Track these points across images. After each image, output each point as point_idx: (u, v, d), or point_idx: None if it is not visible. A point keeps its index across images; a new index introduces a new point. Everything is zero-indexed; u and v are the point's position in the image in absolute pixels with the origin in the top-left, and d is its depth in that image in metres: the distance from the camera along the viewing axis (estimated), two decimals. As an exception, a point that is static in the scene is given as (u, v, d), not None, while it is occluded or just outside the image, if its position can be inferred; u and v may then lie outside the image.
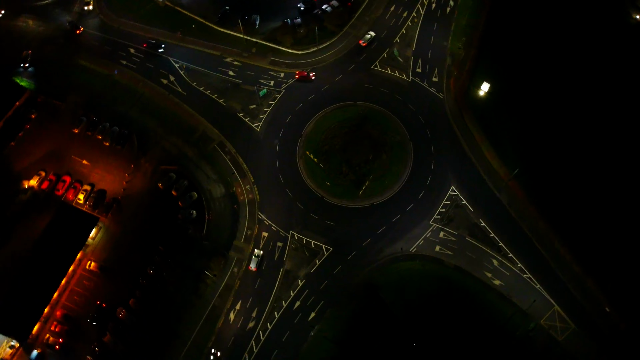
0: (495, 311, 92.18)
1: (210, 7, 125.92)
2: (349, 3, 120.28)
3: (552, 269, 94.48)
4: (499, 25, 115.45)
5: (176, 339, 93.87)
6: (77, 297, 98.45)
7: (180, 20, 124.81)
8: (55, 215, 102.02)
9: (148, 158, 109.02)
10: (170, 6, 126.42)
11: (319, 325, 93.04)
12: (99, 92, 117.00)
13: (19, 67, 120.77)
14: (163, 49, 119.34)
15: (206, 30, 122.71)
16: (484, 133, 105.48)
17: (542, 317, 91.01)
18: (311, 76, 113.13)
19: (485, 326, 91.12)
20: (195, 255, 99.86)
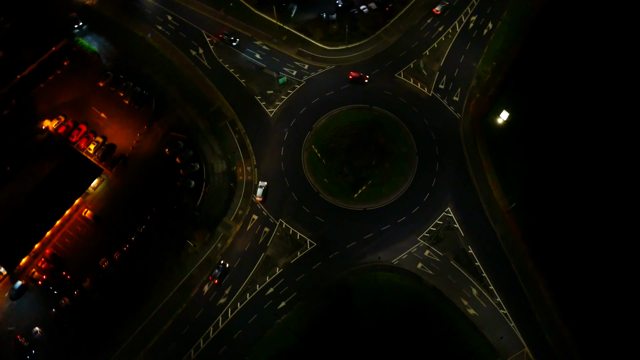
0: (462, 340, 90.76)
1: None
2: (387, 8, 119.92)
3: (531, 311, 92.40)
4: (531, 57, 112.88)
5: (148, 300, 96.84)
6: (68, 240, 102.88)
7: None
8: (64, 158, 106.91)
9: (161, 123, 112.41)
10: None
11: (286, 315, 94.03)
12: (130, 51, 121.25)
13: (74, 28, 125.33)
14: (237, 42, 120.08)
15: (243, 11, 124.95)
16: (492, 161, 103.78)
17: (509, 356, 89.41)
18: (365, 78, 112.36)
19: (448, 353, 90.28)
20: (184, 224, 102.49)
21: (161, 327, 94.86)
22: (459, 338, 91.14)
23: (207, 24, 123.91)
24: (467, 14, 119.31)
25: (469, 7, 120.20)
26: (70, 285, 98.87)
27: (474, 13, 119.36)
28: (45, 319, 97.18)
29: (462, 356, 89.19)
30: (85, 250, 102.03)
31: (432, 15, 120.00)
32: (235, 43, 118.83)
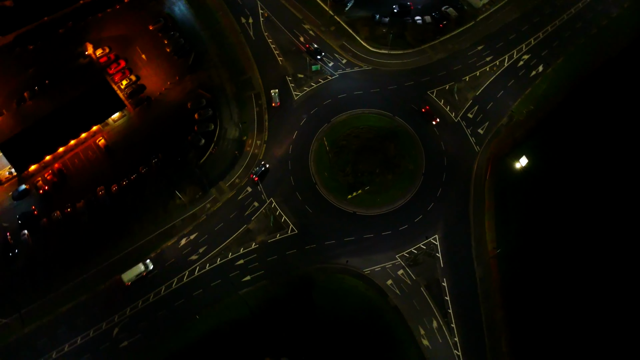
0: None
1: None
2: (441, 24, 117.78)
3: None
4: (569, 113, 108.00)
5: (128, 236, 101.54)
6: (77, 161, 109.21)
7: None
8: (95, 85, 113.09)
9: (193, 77, 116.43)
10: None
11: (247, 290, 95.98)
12: (185, 4, 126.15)
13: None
14: (322, 56, 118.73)
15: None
16: (495, 203, 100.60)
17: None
18: (435, 120, 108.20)
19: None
20: (182, 176, 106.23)
21: (132, 264, 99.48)
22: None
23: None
24: (521, 51, 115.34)
25: (525, 44, 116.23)
26: (65, 202, 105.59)
27: (528, 52, 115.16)
28: (34, 218, 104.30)
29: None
30: (89, 175, 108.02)
31: (485, 43, 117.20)
32: (319, 57, 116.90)
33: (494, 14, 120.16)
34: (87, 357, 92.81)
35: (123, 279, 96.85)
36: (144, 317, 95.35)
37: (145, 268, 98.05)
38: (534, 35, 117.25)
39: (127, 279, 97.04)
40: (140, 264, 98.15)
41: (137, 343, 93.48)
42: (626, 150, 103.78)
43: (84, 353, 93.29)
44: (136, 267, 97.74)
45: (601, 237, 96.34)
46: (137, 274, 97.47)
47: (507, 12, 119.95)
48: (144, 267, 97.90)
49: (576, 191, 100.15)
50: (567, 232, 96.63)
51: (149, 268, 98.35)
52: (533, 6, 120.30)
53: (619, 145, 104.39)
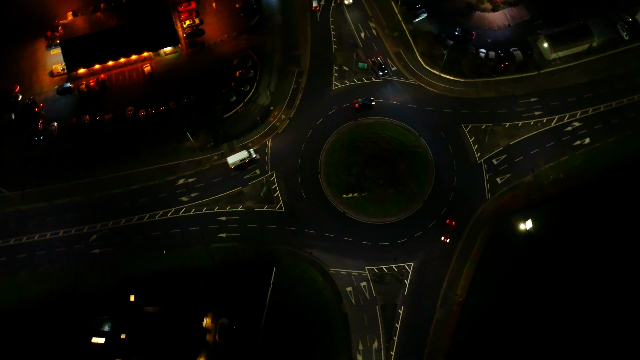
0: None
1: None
2: (503, 64, 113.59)
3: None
4: (596, 196, 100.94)
5: (135, 158, 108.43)
6: (120, 78, 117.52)
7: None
8: (159, 16, 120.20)
9: (249, 38, 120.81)
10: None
11: (218, 245, 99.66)
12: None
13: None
14: (384, 73, 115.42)
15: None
16: (483, 254, 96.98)
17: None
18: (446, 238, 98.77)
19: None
20: (203, 123, 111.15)
21: (130, 185, 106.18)
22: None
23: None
24: (574, 117, 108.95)
25: (581, 111, 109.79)
26: (96, 110, 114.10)
27: (581, 120, 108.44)
28: (65, 121, 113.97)
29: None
30: (125, 94, 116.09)
31: (540, 96, 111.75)
32: (381, 73, 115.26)
33: (561, 71, 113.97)
34: (61, 250, 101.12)
35: (228, 162, 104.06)
36: (122, 235, 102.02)
37: (249, 155, 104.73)
38: (595, 105, 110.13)
39: (232, 162, 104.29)
40: (244, 151, 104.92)
41: (107, 254, 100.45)
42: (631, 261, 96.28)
43: (60, 246, 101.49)
44: (241, 153, 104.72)
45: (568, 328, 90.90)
46: (241, 158, 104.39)
47: (575, 73, 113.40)
48: (247, 153, 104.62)
49: (567, 275, 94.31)
50: (538, 309, 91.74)
51: (252, 156, 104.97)
52: (605, 76, 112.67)
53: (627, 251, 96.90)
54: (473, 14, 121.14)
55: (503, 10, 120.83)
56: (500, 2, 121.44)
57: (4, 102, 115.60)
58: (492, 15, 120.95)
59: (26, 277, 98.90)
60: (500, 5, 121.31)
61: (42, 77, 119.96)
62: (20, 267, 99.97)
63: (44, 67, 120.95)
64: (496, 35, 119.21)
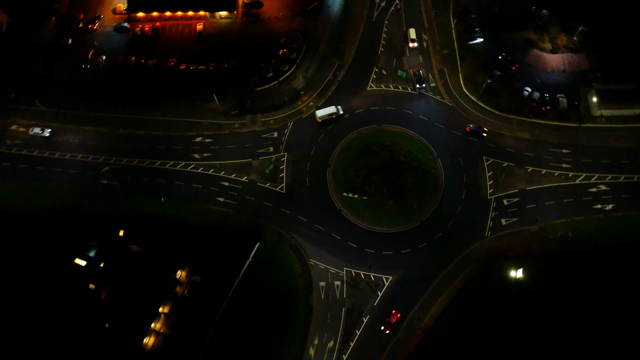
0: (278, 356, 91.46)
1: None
2: (544, 107, 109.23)
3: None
4: (600, 266, 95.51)
5: (162, 106, 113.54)
6: (173, 30, 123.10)
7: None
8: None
9: (302, 21, 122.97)
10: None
11: (213, 207, 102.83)
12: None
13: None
14: (422, 86, 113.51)
15: (443, 13, 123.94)
16: (463, 289, 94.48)
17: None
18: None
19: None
20: (235, 90, 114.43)
21: (152, 130, 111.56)
22: (274, 351, 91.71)
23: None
24: (602, 179, 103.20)
25: (612, 176, 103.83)
26: (143, 54, 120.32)
27: (609, 185, 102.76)
28: (113, 57, 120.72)
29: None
30: (173, 46, 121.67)
31: (573, 149, 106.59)
32: (418, 85, 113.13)
33: (604, 130, 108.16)
34: (74, 173, 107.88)
35: (316, 115, 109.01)
36: (131, 173, 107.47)
37: (337, 111, 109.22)
38: (629, 174, 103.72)
39: (320, 115, 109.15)
40: (333, 106, 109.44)
41: (112, 187, 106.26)
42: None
43: (75, 168, 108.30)
44: (330, 108, 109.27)
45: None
46: (329, 113, 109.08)
47: (618, 136, 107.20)
48: (335, 109, 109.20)
49: (541, 338, 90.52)
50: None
51: (340, 112, 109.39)
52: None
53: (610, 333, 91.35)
54: (530, 50, 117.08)
55: (562, 54, 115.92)
56: (562, 45, 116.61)
57: (66, 26, 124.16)
58: (550, 56, 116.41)
59: (37, 188, 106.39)
60: (561, 48, 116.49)
61: (106, 12, 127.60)
62: (36, 178, 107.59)
63: (109, 3, 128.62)
64: (547, 77, 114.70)
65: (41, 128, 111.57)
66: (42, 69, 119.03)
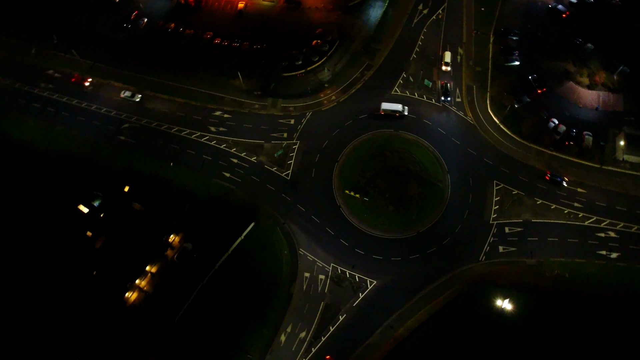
0: (248, 332, 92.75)
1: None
2: (567, 142, 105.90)
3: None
4: (590, 311, 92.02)
5: (190, 76, 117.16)
6: (216, 5, 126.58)
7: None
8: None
9: (344, 16, 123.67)
10: None
11: (218, 181, 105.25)
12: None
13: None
14: (446, 99, 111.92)
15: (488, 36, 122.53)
16: (444, 308, 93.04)
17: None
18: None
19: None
20: (261, 71, 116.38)
21: (176, 96, 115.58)
22: (247, 330, 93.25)
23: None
24: (613, 226, 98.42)
25: (624, 225, 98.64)
26: (181, 23, 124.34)
27: (619, 234, 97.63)
28: (153, 21, 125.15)
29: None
30: (212, 19, 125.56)
31: (588, 190, 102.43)
32: (443, 98, 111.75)
33: (626, 176, 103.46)
34: (96, 124, 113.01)
35: (381, 106, 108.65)
36: (148, 134, 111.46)
37: (402, 110, 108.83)
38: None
39: (384, 107, 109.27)
40: (400, 105, 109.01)
41: (128, 144, 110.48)
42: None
43: (97, 120, 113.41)
44: (396, 105, 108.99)
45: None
46: (393, 109, 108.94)
47: (639, 186, 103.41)
48: (402, 108, 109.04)
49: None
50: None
51: (404, 112, 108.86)
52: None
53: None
54: (566, 82, 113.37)
55: (599, 91, 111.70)
56: (600, 82, 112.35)
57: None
58: (585, 91, 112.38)
59: (60, 132, 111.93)
60: (598, 85, 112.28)
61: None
62: (60, 122, 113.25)
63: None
64: (577, 112, 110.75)
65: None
66: (86, 22, 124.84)
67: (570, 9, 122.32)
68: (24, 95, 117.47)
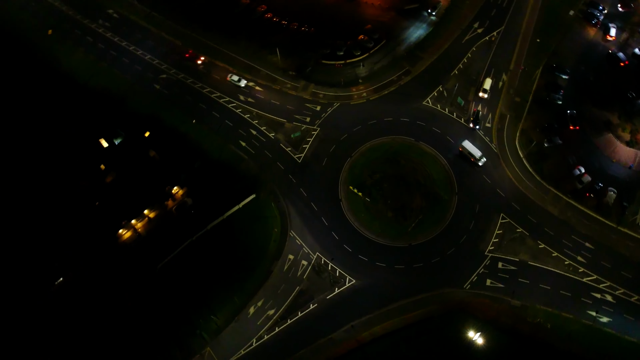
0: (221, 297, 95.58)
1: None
2: (588, 194, 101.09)
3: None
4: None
5: (233, 43, 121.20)
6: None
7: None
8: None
9: (395, 17, 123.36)
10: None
11: (232, 147, 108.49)
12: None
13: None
14: (476, 128, 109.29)
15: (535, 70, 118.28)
16: (413, 324, 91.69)
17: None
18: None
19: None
20: (301, 53, 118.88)
21: (216, 59, 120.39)
22: (220, 294, 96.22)
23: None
24: (614, 290, 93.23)
25: (625, 291, 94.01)
26: None
27: (616, 299, 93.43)
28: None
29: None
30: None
31: (597, 247, 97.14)
32: (471, 125, 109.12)
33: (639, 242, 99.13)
34: (137, 68, 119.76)
35: (463, 144, 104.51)
36: (181, 88, 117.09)
37: (478, 159, 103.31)
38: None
39: (463, 146, 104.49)
40: (480, 152, 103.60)
41: (161, 93, 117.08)
42: None
43: (139, 65, 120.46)
44: (477, 150, 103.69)
45: None
46: (472, 152, 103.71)
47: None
48: (479, 155, 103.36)
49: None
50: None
51: (479, 161, 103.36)
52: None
53: None
54: (605, 133, 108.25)
55: (637, 150, 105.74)
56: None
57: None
58: (622, 147, 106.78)
59: (103, 69, 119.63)
60: (639, 143, 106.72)
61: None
62: (106, 60, 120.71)
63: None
64: (608, 165, 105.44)
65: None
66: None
67: (631, 59, 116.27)
68: (82, 27, 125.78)
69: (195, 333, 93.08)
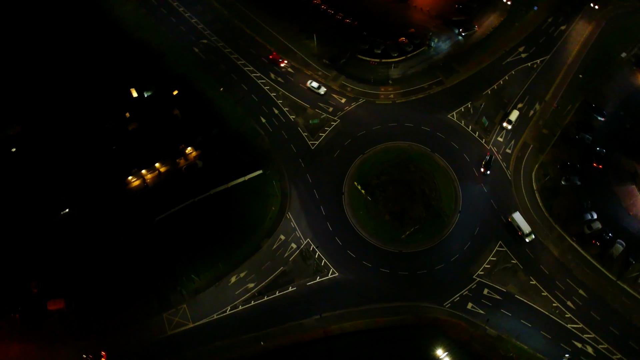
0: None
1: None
2: (594, 241, 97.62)
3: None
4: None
5: (276, 25, 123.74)
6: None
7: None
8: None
9: (440, 25, 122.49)
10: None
11: (252, 122, 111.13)
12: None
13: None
14: (487, 173, 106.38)
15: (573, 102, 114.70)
16: (383, 329, 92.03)
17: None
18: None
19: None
20: (340, 44, 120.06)
21: (259, 35, 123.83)
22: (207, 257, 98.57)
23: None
24: (595, 343, 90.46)
25: (609, 347, 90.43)
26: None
27: (597, 353, 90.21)
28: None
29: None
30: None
31: (596, 301, 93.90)
32: (483, 169, 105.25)
33: (636, 301, 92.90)
34: (182, 30, 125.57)
35: (512, 215, 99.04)
36: (219, 56, 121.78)
37: (525, 233, 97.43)
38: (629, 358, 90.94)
39: (513, 217, 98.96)
40: (529, 227, 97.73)
41: (197, 57, 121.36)
42: None
43: (185, 27, 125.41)
44: (527, 225, 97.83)
45: None
46: (520, 225, 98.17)
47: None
48: (529, 231, 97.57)
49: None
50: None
51: (527, 237, 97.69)
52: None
53: None
54: (629, 184, 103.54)
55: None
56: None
57: None
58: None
59: (150, 23, 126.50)
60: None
61: None
62: (154, 15, 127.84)
63: None
64: (623, 217, 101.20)
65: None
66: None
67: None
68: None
69: (175, 289, 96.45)
